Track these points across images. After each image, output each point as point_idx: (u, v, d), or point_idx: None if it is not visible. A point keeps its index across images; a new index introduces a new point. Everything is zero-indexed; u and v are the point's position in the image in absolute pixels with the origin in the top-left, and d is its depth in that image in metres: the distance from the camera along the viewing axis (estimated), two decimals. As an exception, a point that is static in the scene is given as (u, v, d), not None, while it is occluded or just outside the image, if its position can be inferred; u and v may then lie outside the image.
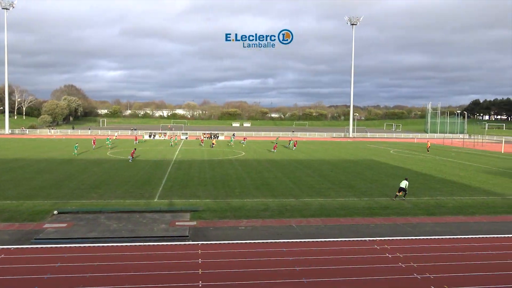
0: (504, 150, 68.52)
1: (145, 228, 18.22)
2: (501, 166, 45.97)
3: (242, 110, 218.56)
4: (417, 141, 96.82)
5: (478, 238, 17.62)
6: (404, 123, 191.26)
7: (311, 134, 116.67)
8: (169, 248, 15.66)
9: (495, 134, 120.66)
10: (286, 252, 15.31)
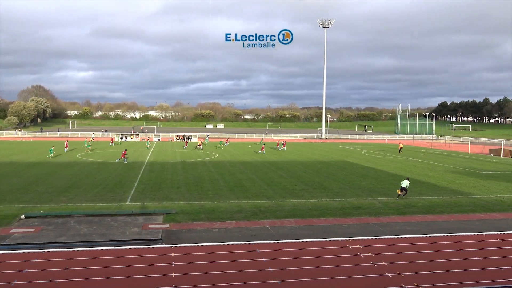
0: (470, 151, 70.70)
1: (117, 232, 17.90)
2: (467, 166, 47.41)
3: (215, 112, 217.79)
4: (387, 142, 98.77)
5: (446, 236, 18.11)
6: (375, 124, 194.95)
7: (284, 136, 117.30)
8: (142, 252, 15.44)
9: (461, 135, 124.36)
10: (260, 253, 15.34)
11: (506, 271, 13.89)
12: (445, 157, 59.97)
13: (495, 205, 25.14)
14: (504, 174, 40.94)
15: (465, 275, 13.60)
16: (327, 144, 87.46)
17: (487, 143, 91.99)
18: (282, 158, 52.45)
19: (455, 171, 41.97)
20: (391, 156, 59.66)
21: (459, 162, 52.46)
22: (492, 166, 47.81)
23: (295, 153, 61.06)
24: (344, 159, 52.77)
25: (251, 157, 53.61)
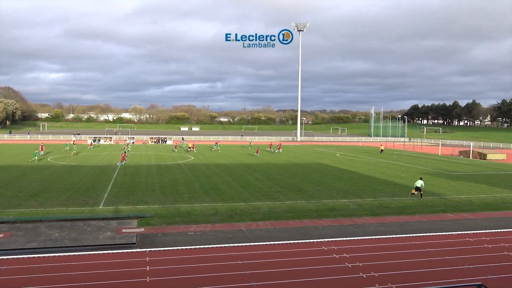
0: (440, 153, 72.50)
1: (90, 237, 17.54)
2: (438, 167, 48.59)
3: (190, 114, 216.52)
4: (361, 144, 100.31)
5: (418, 236, 18.49)
6: (349, 127, 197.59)
7: (260, 138, 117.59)
8: (116, 256, 15.17)
9: (432, 138, 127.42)
10: (236, 256, 15.30)
11: (476, 270, 14.28)
12: (417, 158, 61.29)
13: (464, 205, 25.83)
14: (473, 175, 42.15)
15: (437, 274, 13.91)
16: (302, 146, 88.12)
17: (457, 145, 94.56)
18: (258, 161, 52.53)
19: (427, 173, 42.94)
20: (365, 158, 60.58)
21: (430, 163, 53.70)
22: (461, 168, 49.14)
23: (271, 156, 61.25)
24: (319, 161, 53.25)
25: (226, 159, 53.49)
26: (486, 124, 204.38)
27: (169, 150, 68.67)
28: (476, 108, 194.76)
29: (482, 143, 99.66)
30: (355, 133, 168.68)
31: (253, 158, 55.86)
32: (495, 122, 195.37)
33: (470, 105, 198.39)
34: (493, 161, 59.77)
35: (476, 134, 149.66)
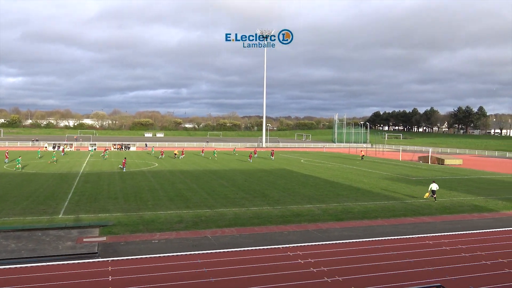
0: (401, 158, 74.66)
1: (49, 247, 16.91)
2: (399, 172, 49.98)
3: (154, 120, 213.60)
4: (325, 150, 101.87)
5: (381, 240, 18.91)
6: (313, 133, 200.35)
7: (225, 144, 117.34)
8: (76, 267, 14.68)
9: (393, 143, 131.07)
10: (201, 264, 15.14)
11: (435, 271, 14.73)
12: (379, 164, 62.83)
13: (424, 209, 26.66)
14: (431, 179, 43.56)
15: (399, 276, 14.25)
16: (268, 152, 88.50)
17: (416, 151, 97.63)
18: (224, 167, 52.35)
19: (388, 178, 44.07)
20: (329, 164, 61.52)
21: (392, 169, 55.17)
22: (421, 173, 50.74)
23: (236, 162, 61.19)
24: (284, 167, 53.65)
25: (191, 166, 53.02)
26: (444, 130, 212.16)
27: (133, 157, 67.36)
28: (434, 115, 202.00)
29: (440, 149, 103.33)
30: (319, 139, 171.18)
31: (218, 165, 55.63)
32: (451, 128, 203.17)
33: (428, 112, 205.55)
34: (450, 166, 62.07)
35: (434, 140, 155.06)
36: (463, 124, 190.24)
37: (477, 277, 14.30)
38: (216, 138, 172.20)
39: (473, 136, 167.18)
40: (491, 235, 20.40)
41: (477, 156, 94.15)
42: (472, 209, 27.26)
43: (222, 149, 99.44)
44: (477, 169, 57.46)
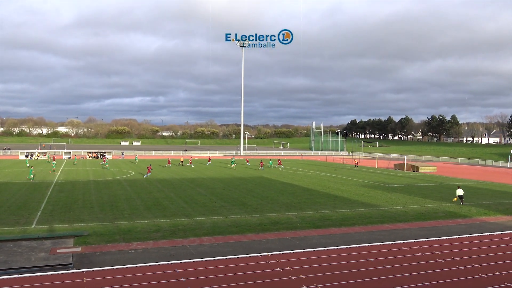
0: (377, 166, 75.74)
1: (21, 258, 16.41)
2: (375, 180, 50.67)
3: (131, 128, 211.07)
4: (303, 158, 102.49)
5: (358, 247, 19.07)
6: (291, 141, 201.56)
7: (203, 152, 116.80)
8: (50, 279, 14.28)
9: (370, 151, 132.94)
10: (179, 273, 14.95)
11: (412, 277, 14.93)
12: (356, 172, 63.59)
13: (400, 216, 27.06)
14: (407, 187, 44.35)
15: (376, 283, 14.38)
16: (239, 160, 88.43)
17: (392, 158, 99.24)
18: (201, 175, 52.04)
19: (365, 185, 44.61)
20: (307, 171, 61.89)
21: (368, 176, 55.89)
22: (396, 180, 51.58)
23: (214, 170, 60.94)
24: (262, 175, 53.69)
25: (169, 174, 52.51)
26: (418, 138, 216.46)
27: (109, 165, 66.32)
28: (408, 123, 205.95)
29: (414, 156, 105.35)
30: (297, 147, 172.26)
31: (196, 173, 55.28)
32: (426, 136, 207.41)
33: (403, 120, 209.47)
34: (424, 173, 63.32)
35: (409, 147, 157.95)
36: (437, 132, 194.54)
37: (452, 282, 14.56)
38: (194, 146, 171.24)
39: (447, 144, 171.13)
40: (464, 240, 20.84)
41: (450, 163, 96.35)
42: (446, 215, 27.82)
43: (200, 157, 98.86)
44: (450, 176, 58.77)
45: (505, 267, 16.40)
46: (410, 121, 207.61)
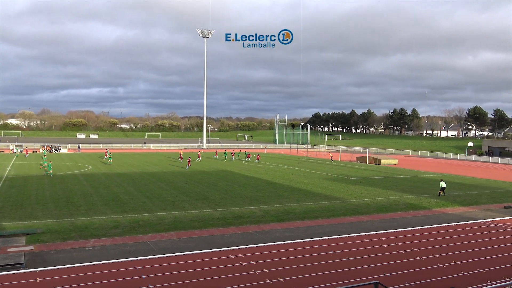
0: (341, 159, 77.21)
1: (-33, 259, 15.64)
2: (339, 173, 51.64)
3: (88, 120, 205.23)
4: (267, 151, 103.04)
5: (321, 240, 19.41)
6: (254, 134, 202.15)
7: (164, 146, 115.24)
8: (0, 279, 13.71)
9: (333, 144, 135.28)
10: (139, 270, 14.71)
11: (374, 269, 15.35)
12: (319, 164, 64.58)
13: (362, 208, 27.73)
14: (369, 179, 45.48)
15: (339, 275, 14.68)
16: (209, 153, 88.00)
17: (355, 151, 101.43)
18: (163, 169, 51.35)
19: (328, 178, 45.40)
20: (271, 164, 62.28)
21: (332, 169, 56.90)
22: (359, 173, 52.78)
23: (176, 163, 60.28)
24: (225, 169, 53.59)
25: (128, 168, 51.50)
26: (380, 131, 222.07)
27: (64, 159, 64.23)
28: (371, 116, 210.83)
29: (376, 149, 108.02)
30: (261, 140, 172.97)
31: (157, 167, 54.50)
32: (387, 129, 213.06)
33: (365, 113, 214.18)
34: (386, 166, 65.12)
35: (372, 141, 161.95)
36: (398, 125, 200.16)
37: (413, 273, 15.07)
38: (154, 139, 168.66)
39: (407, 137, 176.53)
40: (424, 231, 21.62)
41: (411, 156, 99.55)
42: (406, 207, 28.75)
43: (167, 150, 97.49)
44: (411, 169, 60.72)
45: (461, 256, 17.15)
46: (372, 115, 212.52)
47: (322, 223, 23.14)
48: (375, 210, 27.45)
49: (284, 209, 26.93)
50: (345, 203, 29.80)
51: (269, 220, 23.47)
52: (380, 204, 29.66)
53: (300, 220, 23.83)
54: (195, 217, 23.79)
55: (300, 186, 38.11)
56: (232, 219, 23.49)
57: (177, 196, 30.78)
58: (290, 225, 22.59)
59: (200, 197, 30.79)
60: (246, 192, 33.69)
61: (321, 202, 29.87)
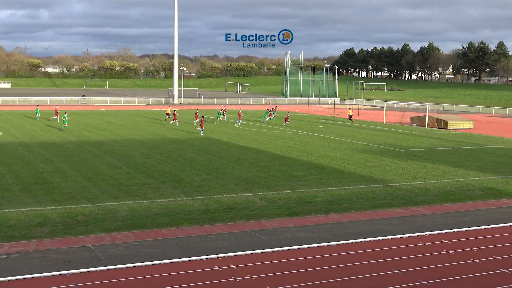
0: (385, 120, 77.13)
1: None
2: (382, 142, 51.72)
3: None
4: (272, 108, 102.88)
5: (355, 243, 19.54)
6: (253, 81, 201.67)
7: (114, 101, 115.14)
8: None
9: (374, 98, 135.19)
10: (79, 290, 14.95)
11: (435, 286, 15.53)
12: (353, 129, 64.59)
13: (418, 196, 27.92)
14: (429, 151, 45.61)
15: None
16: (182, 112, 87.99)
17: (408, 109, 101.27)
18: (112, 136, 51.42)
19: (366, 150, 45.50)
20: (278, 129, 62.27)
21: (371, 136, 56.95)
22: (414, 141, 52.87)
23: (132, 128, 60.31)
24: (208, 136, 53.63)
25: (59, 134, 51.53)
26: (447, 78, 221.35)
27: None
28: (433, 54, 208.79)
29: (441, 106, 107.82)
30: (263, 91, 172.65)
31: (105, 133, 54.50)
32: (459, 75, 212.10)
33: (425, 50, 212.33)
34: (456, 131, 65.16)
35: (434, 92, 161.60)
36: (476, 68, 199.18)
37: None
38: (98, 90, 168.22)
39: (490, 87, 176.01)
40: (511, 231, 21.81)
41: (494, 116, 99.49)
42: (486, 194, 28.92)
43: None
44: (494, 136, 60.78)
45: None
46: (435, 51, 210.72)
47: (357, 218, 23.32)
48: (437, 198, 27.63)
49: (299, 197, 27.11)
50: (392, 187, 29.98)
51: (275, 214, 23.65)
52: (445, 189, 29.85)
53: (323, 213, 24.01)
54: (162, 210, 23.96)
55: (323, 162, 38.25)
56: (219, 212, 23.66)
57: (134, 178, 30.95)
58: (307, 220, 22.78)
59: (171, 178, 30.94)
60: (240, 171, 33.83)
61: (354, 186, 30.04)
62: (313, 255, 18.27)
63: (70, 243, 19.18)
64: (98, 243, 19.25)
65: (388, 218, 23.62)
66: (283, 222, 22.43)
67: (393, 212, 24.61)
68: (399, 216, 23.93)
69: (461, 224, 22.63)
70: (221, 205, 25.00)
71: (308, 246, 19.17)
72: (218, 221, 22.40)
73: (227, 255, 17.96)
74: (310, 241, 19.89)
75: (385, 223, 22.80)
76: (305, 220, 22.84)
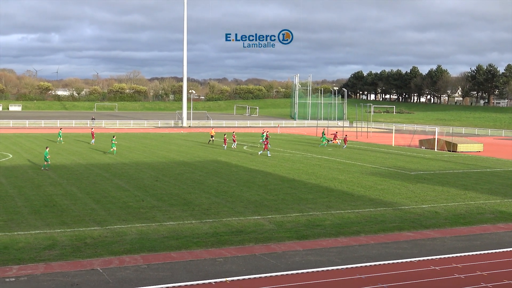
0: (394, 143, 77.02)
1: None
2: (391, 164, 51.61)
3: (6, 85, 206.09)
4: (281, 132, 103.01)
5: (365, 267, 19.47)
6: (262, 104, 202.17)
7: (123, 123, 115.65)
8: None
9: (383, 120, 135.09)
10: (87, 313, 14.91)
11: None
12: (362, 152, 64.52)
13: (428, 219, 27.78)
14: (439, 174, 45.44)
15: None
16: (191, 135, 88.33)
17: (417, 132, 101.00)
18: (121, 159, 51.56)
19: (375, 173, 45.39)
20: (287, 152, 62.30)
21: (380, 159, 56.85)
22: (423, 164, 52.71)
23: (142, 150, 60.47)
24: (217, 158, 53.71)
25: (68, 157, 51.75)
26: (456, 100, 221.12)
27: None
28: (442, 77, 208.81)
29: (451, 129, 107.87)
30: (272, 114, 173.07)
31: (114, 155, 54.70)
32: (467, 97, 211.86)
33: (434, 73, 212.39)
34: (465, 154, 64.94)
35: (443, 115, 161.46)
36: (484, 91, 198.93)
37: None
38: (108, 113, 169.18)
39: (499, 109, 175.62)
40: (523, 255, 21.63)
41: (504, 138, 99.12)
42: (496, 217, 28.76)
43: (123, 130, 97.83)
44: (504, 158, 60.54)
45: None
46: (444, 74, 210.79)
47: (366, 241, 23.23)
48: (447, 221, 27.49)
49: (308, 220, 27.04)
50: (402, 210, 29.86)
51: (284, 237, 23.59)
52: (455, 212, 29.70)
53: (332, 237, 23.93)
54: (171, 233, 23.95)
55: (332, 184, 38.19)
56: (228, 235, 23.63)
57: (143, 201, 30.98)
58: (317, 244, 22.70)
59: (179, 201, 30.96)
60: (249, 194, 33.81)
61: (364, 209, 29.95)
62: (322, 279, 18.20)
63: (78, 266, 19.18)
64: (107, 266, 19.24)
65: (397, 241, 23.51)
66: (292, 246, 22.38)
67: (402, 236, 24.49)
68: (409, 240, 23.81)
69: (471, 248, 22.50)
70: (229, 228, 24.98)
71: (317, 270, 19.09)
72: (227, 244, 22.36)
73: (236, 279, 17.91)
74: (319, 264, 19.81)
75: (395, 246, 22.69)
76: (314, 244, 22.77)
